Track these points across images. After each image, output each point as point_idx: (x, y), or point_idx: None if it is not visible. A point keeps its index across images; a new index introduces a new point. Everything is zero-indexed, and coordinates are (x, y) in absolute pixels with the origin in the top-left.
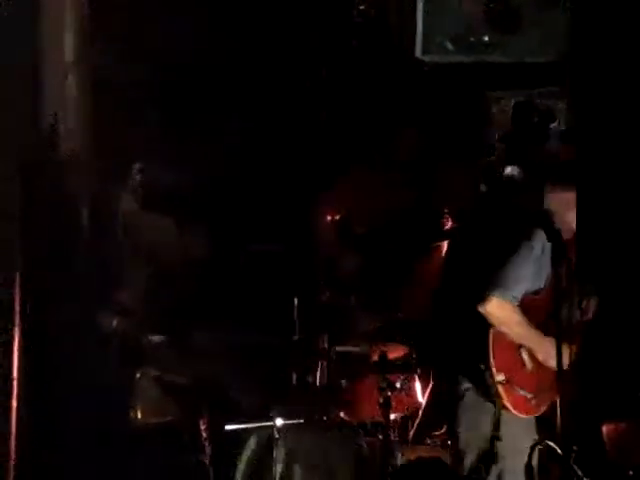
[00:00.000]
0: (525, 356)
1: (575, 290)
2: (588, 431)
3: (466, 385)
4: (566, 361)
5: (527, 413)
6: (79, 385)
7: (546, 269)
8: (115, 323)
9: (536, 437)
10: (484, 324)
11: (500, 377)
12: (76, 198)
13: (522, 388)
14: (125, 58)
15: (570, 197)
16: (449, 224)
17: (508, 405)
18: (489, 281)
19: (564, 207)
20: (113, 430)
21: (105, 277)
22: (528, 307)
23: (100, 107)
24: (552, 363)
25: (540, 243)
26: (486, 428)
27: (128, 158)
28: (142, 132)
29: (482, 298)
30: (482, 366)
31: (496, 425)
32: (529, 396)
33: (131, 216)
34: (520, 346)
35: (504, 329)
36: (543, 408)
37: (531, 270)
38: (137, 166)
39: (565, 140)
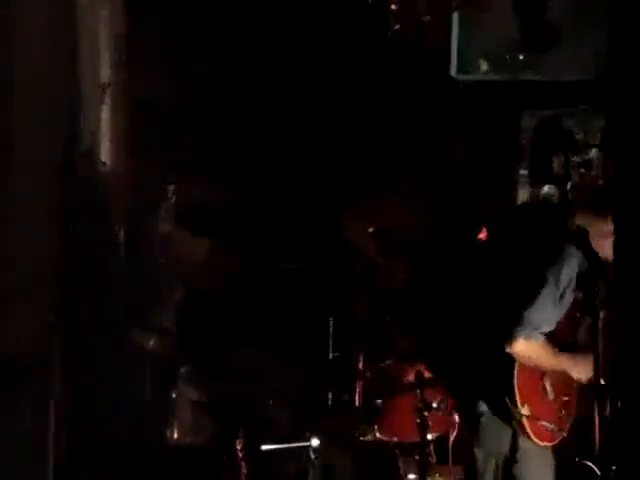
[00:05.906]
0: (547, 386)
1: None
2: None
3: (484, 408)
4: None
5: (550, 442)
6: (114, 405)
7: (569, 297)
8: (151, 343)
9: (553, 462)
10: (508, 358)
11: (525, 411)
12: (113, 218)
13: (545, 420)
14: (161, 78)
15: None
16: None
17: (532, 437)
18: (514, 320)
19: (600, 235)
20: (149, 451)
21: (141, 297)
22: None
23: (136, 127)
24: (585, 379)
25: (567, 276)
26: (505, 447)
27: (164, 178)
28: (178, 152)
29: (508, 339)
30: (507, 400)
31: (513, 447)
32: (550, 427)
33: (166, 236)
34: (543, 375)
35: (533, 364)
36: (564, 434)
37: (557, 305)
38: (172, 187)
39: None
